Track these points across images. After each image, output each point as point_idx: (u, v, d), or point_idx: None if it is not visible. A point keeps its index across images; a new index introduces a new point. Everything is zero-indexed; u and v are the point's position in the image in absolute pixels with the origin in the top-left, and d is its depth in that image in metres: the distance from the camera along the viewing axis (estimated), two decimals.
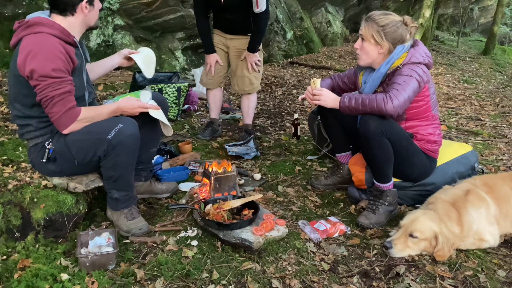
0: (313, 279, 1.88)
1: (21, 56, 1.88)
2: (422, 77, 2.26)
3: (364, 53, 2.38)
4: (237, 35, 3.49)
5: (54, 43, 1.90)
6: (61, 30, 1.96)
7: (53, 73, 1.86)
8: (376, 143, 2.25)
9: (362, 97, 2.22)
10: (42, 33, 1.91)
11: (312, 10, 10.33)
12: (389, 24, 2.29)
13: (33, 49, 1.86)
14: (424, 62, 2.31)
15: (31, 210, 2.02)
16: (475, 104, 6.18)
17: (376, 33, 2.30)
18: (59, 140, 2.03)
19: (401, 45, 2.31)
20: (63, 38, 1.96)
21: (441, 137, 2.50)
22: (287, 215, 2.46)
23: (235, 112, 4.76)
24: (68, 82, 1.93)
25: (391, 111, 2.16)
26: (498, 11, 12.21)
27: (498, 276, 1.93)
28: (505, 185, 2.26)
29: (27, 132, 2.08)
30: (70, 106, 1.93)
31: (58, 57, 1.89)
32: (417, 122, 2.40)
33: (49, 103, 1.90)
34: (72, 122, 1.95)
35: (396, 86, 2.20)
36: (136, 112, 2.15)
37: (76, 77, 2.05)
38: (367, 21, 2.34)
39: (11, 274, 1.77)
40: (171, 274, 1.86)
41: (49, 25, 1.94)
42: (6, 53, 4.43)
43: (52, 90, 1.87)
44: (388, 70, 2.33)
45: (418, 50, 2.33)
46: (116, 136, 1.97)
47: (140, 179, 2.50)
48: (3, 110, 3.24)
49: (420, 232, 2.02)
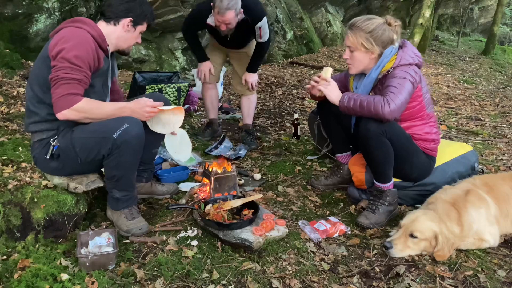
0: (313, 279, 1.88)
1: (54, 40, 1.97)
2: (415, 78, 2.25)
3: (355, 62, 2.35)
4: (238, 48, 3.54)
5: (88, 38, 2.00)
6: (99, 34, 2.06)
7: (74, 59, 1.91)
8: (376, 143, 2.24)
9: (361, 99, 2.20)
10: (81, 28, 2.01)
11: (312, 10, 10.34)
12: (376, 29, 2.26)
13: (66, 36, 1.97)
14: (414, 63, 2.29)
15: (31, 210, 2.02)
16: (475, 104, 6.18)
17: (366, 41, 2.27)
18: (65, 137, 2.04)
19: (389, 48, 2.29)
20: (98, 41, 2.05)
21: (439, 134, 2.50)
22: (287, 215, 2.46)
23: (235, 112, 4.77)
24: (83, 73, 1.95)
25: (388, 115, 2.14)
26: (498, 11, 12.21)
27: (498, 276, 1.93)
28: (505, 185, 2.26)
29: (33, 123, 2.08)
30: (72, 91, 1.92)
31: (85, 49, 1.96)
32: (412, 122, 2.39)
33: (56, 83, 1.92)
34: (67, 107, 1.92)
35: (392, 89, 2.18)
36: (145, 112, 2.09)
37: (98, 80, 2.10)
38: (352, 29, 2.29)
39: (11, 274, 1.77)
40: (171, 274, 1.86)
41: (90, 25, 2.05)
42: (6, 53, 4.42)
43: (65, 72, 1.90)
44: (379, 74, 2.32)
45: (406, 51, 2.31)
46: (122, 136, 1.97)
47: (142, 180, 2.49)
48: (3, 110, 3.24)
49: (420, 232, 2.02)
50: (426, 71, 9.02)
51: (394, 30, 2.31)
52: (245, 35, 3.35)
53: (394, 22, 2.32)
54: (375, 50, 2.29)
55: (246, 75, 3.52)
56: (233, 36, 3.30)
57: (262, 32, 3.26)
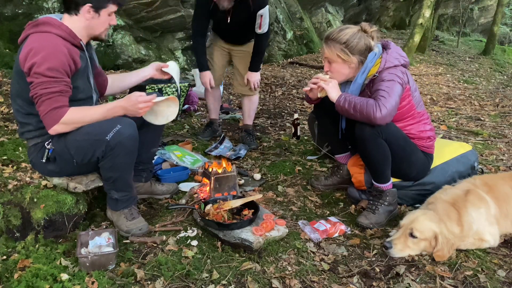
0: (313, 279, 1.88)
1: (23, 52, 1.89)
2: (403, 78, 2.24)
3: (335, 73, 2.36)
4: (240, 45, 3.52)
5: (57, 43, 1.91)
6: (68, 32, 1.97)
7: (48, 72, 1.86)
8: (373, 145, 2.24)
9: (355, 101, 2.19)
10: (48, 33, 1.92)
11: (312, 10, 10.34)
12: (350, 39, 2.26)
13: (35, 47, 1.88)
14: (400, 64, 2.29)
15: (31, 210, 2.02)
16: (475, 104, 6.18)
17: (341, 52, 2.27)
18: (59, 141, 2.03)
19: (372, 53, 2.28)
20: (69, 40, 1.97)
21: (434, 131, 2.50)
22: (287, 215, 2.46)
23: (235, 112, 4.77)
24: (62, 83, 1.91)
25: (380, 120, 2.13)
26: (498, 11, 12.22)
27: (498, 276, 1.93)
28: (505, 185, 2.26)
29: (27, 132, 2.08)
30: (55, 106, 1.89)
31: (57, 57, 1.89)
32: (404, 122, 2.37)
33: (37, 101, 1.90)
34: (55, 123, 1.91)
35: (382, 93, 2.17)
36: (139, 108, 2.02)
37: (80, 79, 2.05)
38: (327, 42, 2.31)
39: (11, 274, 1.77)
40: (171, 274, 1.86)
41: (56, 26, 1.95)
42: (6, 53, 4.43)
43: (42, 88, 1.87)
44: (365, 80, 2.32)
45: (391, 53, 2.30)
46: (115, 137, 1.95)
47: (141, 180, 2.49)
48: (3, 110, 3.24)
49: (420, 232, 2.02)
50: (426, 71, 9.02)
51: (370, 36, 2.31)
52: (246, 22, 3.29)
53: (370, 28, 2.32)
54: (352, 60, 2.29)
55: (248, 75, 3.50)
56: (234, 21, 3.25)
57: (263, 22, 3.24)
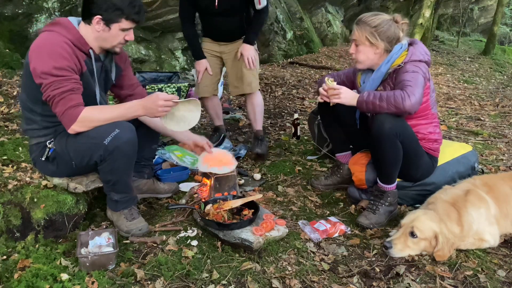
0: (313, 279, 1.88)
1: (31, 49, 1.90)
2: (426, 74, 2.26)
3: (360, 56, 2.36)
4: (231, 41, 3.35)
5: (60, 41, 1.89)
6: (77, 37, 1.95)
7: (55, 71, 1.84)
8: (389, 145, 2.22)
9: (381, 93, 2.19)
10: (54, 32, 1.92)
11: (312, 10, 10.34)
12: (381, 24, 2.29)
13: (39, 45, 1.88)
14: (424, 60, 2.31)
15: (31, 210, 2.02)
16: (475, 104, 6.17)
17: (370, 35, 2.29)
18: (60, 141, 2.03)
19: (399, 44, 2.31)
20: (77, 45, 1.94)
21: (441, 135, 2.50)
22: (287, 215, 2.46)
23: (235, 112, 4.77)
24: (72, 80, 1.88)
25: (409, 108, 2.11)
26: (498, 11, 12.21)
27: (498, 276, 1.93)
28: (505, 185, 2.26)
29: (31, 130, 2.07)
30: (70, 105, 1.87)
31: (61, 55, 1.87)
32: (417, 121, 2.38)
33: (52, 103, 1.88)
34: (72, 123, 1.89)
35: (408, 83, 2.16)
36: (158, 106, 1.92)
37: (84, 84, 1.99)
38: (359, 24, 2.33)
39: (11, 274, 1.77)
40: (171, 274, 1.86)
41: (65, 27, 1.94)
42: (6, 53, 4.43)
43: (54, 89, 1.85)
44: (389, 69, 2.33)
45: (417, 48, 2.33)
46: (113, 142, 1.91)
47: (143, 176, 2.49)
48: (3, 110, 3.24)
49: (420, 232, 2.02)
50: None
51: (400, 28, 2.33)
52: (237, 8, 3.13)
53: (401, 20, 2.34)
54: (380, 45, 2.30)
55: (242, 47, 3.21)
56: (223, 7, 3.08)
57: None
